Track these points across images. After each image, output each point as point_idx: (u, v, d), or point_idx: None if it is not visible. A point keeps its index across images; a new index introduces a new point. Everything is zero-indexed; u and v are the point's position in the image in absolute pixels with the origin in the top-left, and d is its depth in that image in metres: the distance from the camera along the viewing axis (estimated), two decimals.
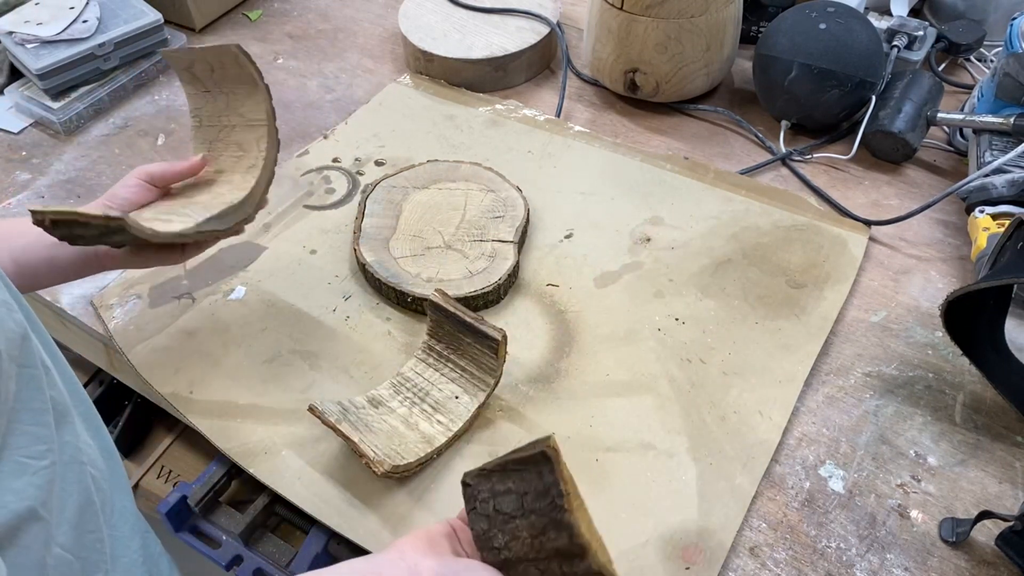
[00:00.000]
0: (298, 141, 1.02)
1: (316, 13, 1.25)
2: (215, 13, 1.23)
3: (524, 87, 1.10)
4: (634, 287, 0.82)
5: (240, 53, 0.70)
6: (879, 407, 0.72)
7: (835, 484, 0.67)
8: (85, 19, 1.07)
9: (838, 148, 0.98)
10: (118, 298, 0.83)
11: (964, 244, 0.86)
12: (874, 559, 0.63)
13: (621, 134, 1.02)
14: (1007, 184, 0.81)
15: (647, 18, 0.94)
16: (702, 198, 0.91)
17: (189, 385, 0.75)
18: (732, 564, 0.63)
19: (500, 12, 1.12)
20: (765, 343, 0.77)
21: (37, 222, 0.61)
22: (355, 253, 0.84)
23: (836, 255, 0.84)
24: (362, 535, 0.64)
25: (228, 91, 0.75)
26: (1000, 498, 0.66)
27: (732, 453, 0.69)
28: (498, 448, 0.69)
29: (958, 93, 1.04)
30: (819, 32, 0.92)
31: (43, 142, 1.04)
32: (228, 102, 0.75)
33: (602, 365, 0.76)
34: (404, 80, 1.10)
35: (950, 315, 0.69)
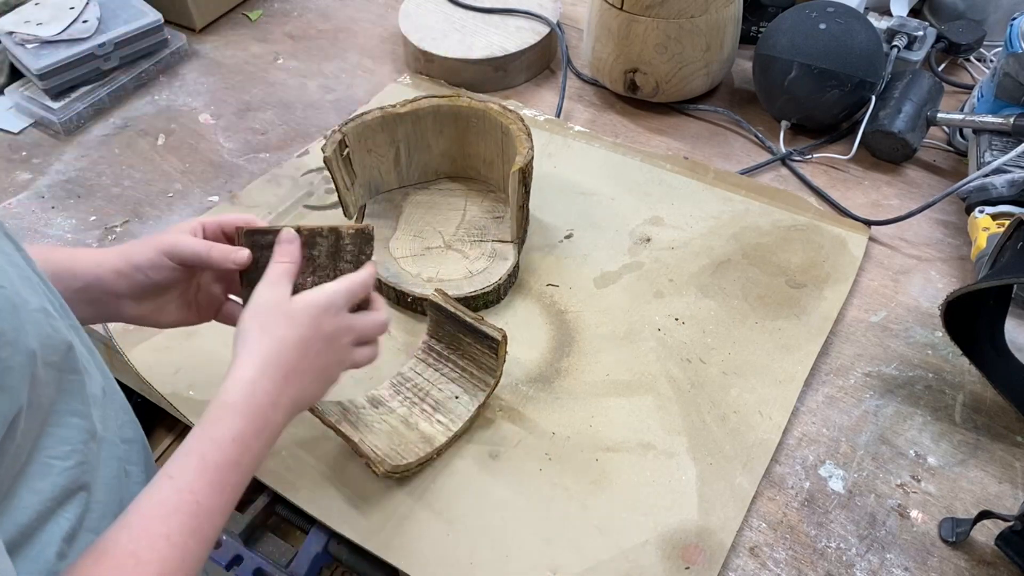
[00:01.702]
0: (298, 141, 1.02)
1: (316, 13, 1.25)
2: (215, 13, 1.23)
3: (524, 87, 1.10)
4: (634, 287, 0.82)
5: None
6: (879, 407, 0.72)
7: (835, 484, 0.67)
8: (85, 19, 1.07)
9: (838, 148, 0.98)
10: None
11: (964, 244, 0.86)
12: (874, 559, 0.63)
13: (621, 134, 1.02)
14: (1007, 184, 0.81)
15: (647, 18, 0.94)
16: (702, 198, 0.91)
17: (189, 385, 0.75)
18: (732, 564, 0.63)
19: (500, 12, 1.12)
20: (765, 343, 0.77)
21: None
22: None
23: (836, 255, 0.84)
24: (362, 535, 0.64)
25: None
26: (1000, 498, 0.66)
27: (732, 453, 0.69)
28: (498, 448, 0.69)
29: (958, 93, 1.04)
30: (819, 32, 0.92)
31: (43, 142, 1.04)
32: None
33: (602, 365, 0.76)
34: (404, 80, 1.10)
35: (950, 315, 0.69)
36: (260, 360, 0.53)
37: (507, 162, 0.84)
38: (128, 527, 0.44)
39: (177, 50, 1.14)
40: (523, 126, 0.80)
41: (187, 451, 0.48)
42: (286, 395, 0.53)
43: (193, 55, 1.17)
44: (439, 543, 0.64)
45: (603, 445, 0.70)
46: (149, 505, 0.46)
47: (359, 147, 0.84)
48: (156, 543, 0.44)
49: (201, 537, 0.46)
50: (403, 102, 0.85)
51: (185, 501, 0.46)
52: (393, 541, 0.64)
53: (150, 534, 0.44)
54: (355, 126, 0.82)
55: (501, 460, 0.69)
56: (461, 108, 0.84)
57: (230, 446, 0.49)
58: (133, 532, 0.44)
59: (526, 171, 0.78)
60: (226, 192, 0.95)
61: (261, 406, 0.51)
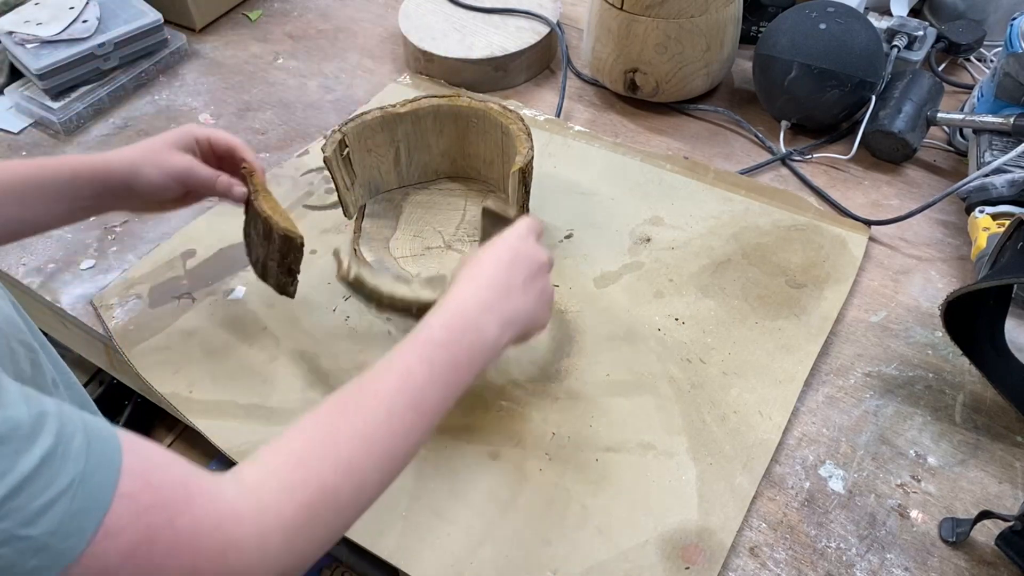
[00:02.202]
0: (298, 141, 1.02)
1: (316, 13, 1.25)
2: (215, 13, 1.23)
3: (524, 87, 1.10)
4: (634, 287, 0.82)
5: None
6: (879, 407, 0.72)
7: (835, 484, 0.67)
8: (85, 19, 1.07)
9: (838, 148, 0.98)
10: (118, 298, 0.83)
11: (964, 244, 0.86)
12: (874, 559, 0.63)
13: (621, 134, 1.02)
14: (1007, 184, 0.81)
15: (647, 18, 0.94)
16: (702, 198, 0.91)
17: (189, 385, 0.75)
18: (732, 564, 0.63)
19: (500, 12, 1.12)
20: (765, 343, 0.77)
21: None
22: (355, 253, 0.84)
23: (836, 255, 0.84)
24: (362, 535, 0.64)
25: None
26: (1000, 498, 0.66)
27: (732, 453, 0.69)
28: (498, 448, 0.70)
29: (958, 93, 1.04)
30: (819, 32, 0.92)
31: (43, 142, 1.04)
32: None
33: (602, 365, 0.76)
34: (404, 80, 1.10)
35: (950, 315, 0.69)
36: (466, 280, 0.57)
37: (507, 162, 0.84)
38: (346, 386, 0.49)
39: (177, 50, 1.14)
40: (523, 126, 0.80)
41: (403, 340, 0.53)
42: (495, 307, 0.56)
43: (193, 55, 1.17)
44: (439, 543, 0.64)
45: (603, 445, 0.70)
46: (367, 373, 0.50)
47: (359, 147, 0.84)
48: (365, 397, 0.48)
49: (410, 400, 0.49)
50: (403, 102, 0.85)
51: (396, 367, 0.50)
52: (393, 541, 0.64)
53: (361, 391, 0.48)
54: (355, 126, 0.82)
55: (501, 460, 0.69)
56: (461, 108, 0.84)
57: (439, 330, 0.53)
58: (349, 389, 0.48)
59: (526, 171, 0.78)
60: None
61: (468, 305, 0.55)
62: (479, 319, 0.55)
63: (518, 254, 0.60)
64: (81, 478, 0.34)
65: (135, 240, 0.90)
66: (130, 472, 0.36)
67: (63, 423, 0.35)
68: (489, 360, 0.55)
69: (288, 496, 0.42)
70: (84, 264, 0.88)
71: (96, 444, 0.36)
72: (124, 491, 0.36)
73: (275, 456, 0.44)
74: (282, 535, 0.41)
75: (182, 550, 0.37)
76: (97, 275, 0.87)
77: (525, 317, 0.59)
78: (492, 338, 0.55)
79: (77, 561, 0.34)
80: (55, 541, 0.33)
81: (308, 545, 0.43)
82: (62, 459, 0.34)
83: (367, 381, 0.49)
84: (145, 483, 0.37)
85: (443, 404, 0.51)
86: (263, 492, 0.42)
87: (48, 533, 0.33)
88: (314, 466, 0.44)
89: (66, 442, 0.35)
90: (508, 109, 0.83)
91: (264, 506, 0.41)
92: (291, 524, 0.42)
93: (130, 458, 0.37)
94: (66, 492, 0.34)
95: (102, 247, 0.90)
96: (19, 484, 0.32)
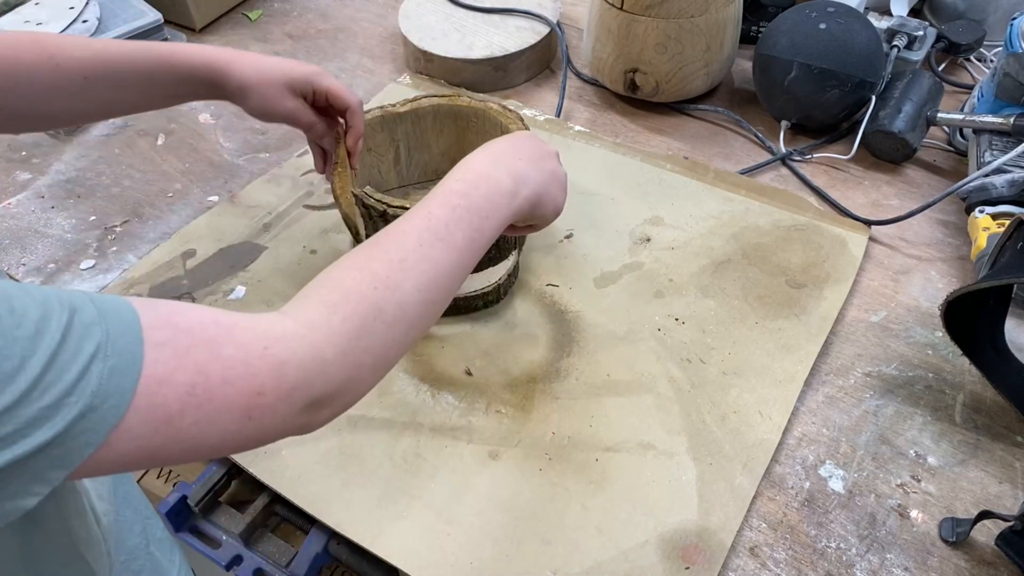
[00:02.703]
0: (298, 141, 1.02)
1: (316, 13, 1.25)
2: (215, 13, 1.23)
3: (524, 87, 1.10)
4: (634, 287, 0.82)
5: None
6: (879, 407, 0.72)
7: (835, 484, 0.67)
8: (85, 19, 1.07)
9: (838, 148, 0.98)
10: None
11: (964, 244, 0.86)
12: (874, 559, 0.63)
13: (621, 134, 1.02)
14: (1007, 184, 0.81)
15: (647, 18, 0.94)
16: (702, 198, 0.91)
17: None
18: (732, 564, 0.63)
19: (500, 12, 1.12)
20: (765, 343, 0.77)
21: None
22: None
23: (836, 255, 0.84)
24: (362, 535, 0.64)
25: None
26: (1000, 498, 0.66)
27: (732, 453, 0.69)
28: (498, 448, 0.69)
29: (958, 93, 1.04)
30: (819, 32, 0.92)
31: (43, 142, 1.04)
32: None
33: (602, 365, 0.76)
34: (404, 80, 1.10)
35: (950, 315, 0.69)
36: (471, 156, 0.59)
37: None
38: (375, 235, 0.50)
39: None
40: (523, 126, 0.80)
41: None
42: (504, 161, 0.58)
43: None
44: (439, 543, 0.64)
45: (603, 445, 0.70)
46: (391, 224, 0.51)
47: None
48: (393, 235, 0.49)
49: (437, 234, 0.50)
50: (403, 101, 0.85)
51: (418, 212, 0.51)
52: (393, 541, 0.64)
53: (388, 231, 0.50)
54: None
55: (501, 460, 0.69)
56: (461, 108, 0.84)
57: (455, 182, 0.55)
58: (376, 236, 0.50)
59: None
60: (226, 192, 0.95)
61: (483, 166, 0.57)
62: (492, 172, 0.57)
63: (524, 137, 0.63)
64: (106, 340, 0.34)
65: (135, 240, 0.90)
66: (154, 324, 0.36)
67: (70, 298, 0.35)
68: (507, 212, 0.56)
69: (331, 311, 0.43)
70: (84, 264, 0.88)
71: (109, 310, 0.36)
72: (158, 340, 0.36)
73: (310, 288, 0.45)
74: (334, 347, 0.42)
75: (238, 375, 0.38)
76: (97, 275, 0.87)
77: (536, 184, 0.59)
78: (508, 188, 0.56)
79: (128, 415, 0.34)
80: (98, 401, 0.33)
81: (365, 355, 0.44)
82: (82, 330, 0.34)
83: (392, 226, 0.51)
84: (176, 329, 0.37)
85: (471, 245, 0.52)
86: (305, 313, 0.42)
87: (91, 395, 0.33)
88: (351, 286, 0.45)
89: (80, 313, 0.34)
90: (508, 109, 0.82)
91: (310, 323, 0.42)
92: (341, 335, 0.42)
93: (147, 314, 0.37)
94: (96, 356, 0.33)
95: (102, 247, 0.90)
96: (48, 361, 0.32)
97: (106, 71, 0.64)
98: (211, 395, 0.36)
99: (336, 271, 0.47)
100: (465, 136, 0.87)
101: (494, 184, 0.56)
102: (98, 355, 0.34)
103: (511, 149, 0.60)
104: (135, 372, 0.35)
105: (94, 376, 0.33)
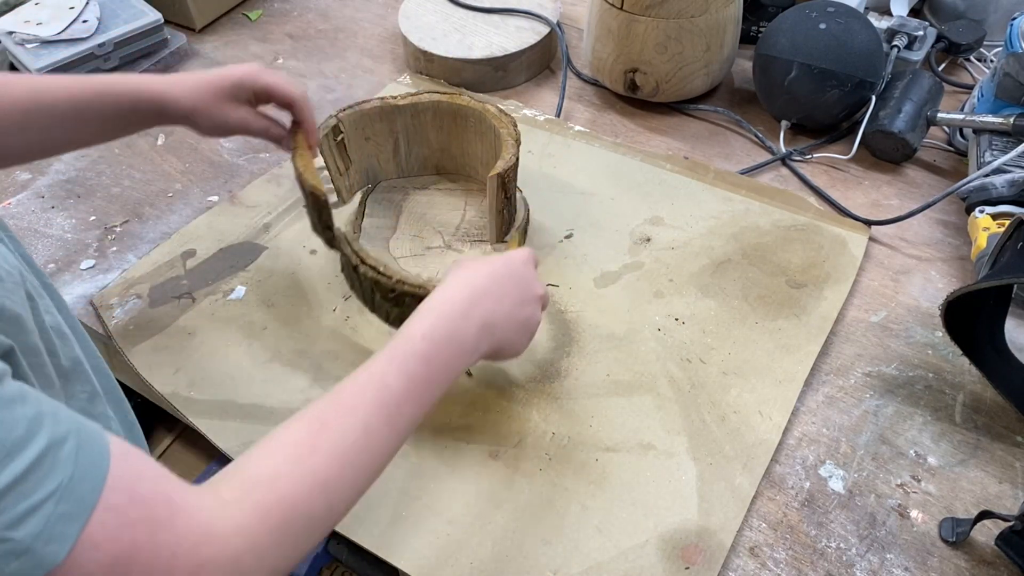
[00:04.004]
0: None
1: (316, 13, 1.25)
2: (215, 13, 1.23)
3: (524, 87, 1.10)
4: (634, 287, 0.82)
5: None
6: (879, 407, 0.72)
7: (835, 484, 0.67)
8: (85, 19, 1.07)
9: (838, 148, 0.98)
10: (118, 298, 0.83)
11: (964, 244, 0.86)
12: (874, 559, 0.63)
13: (621, 134, 1.02)
14: (1007, 184, 0.81)
15: (647, 18, 0.94)
16: (702, 198, 0.91)
17: (189, 385, 0.75)
18: (732, 564, 0.63)
19: (500, 12, 1.12)
20: (765, 343, 0.77)
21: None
22: None
23: (836, 255, 0.84)
24: (362, 535, 0.64)
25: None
26: (1000, 498, 0.66)
27: (732, 453, 0.69)
28: (498, 448, 0.69)
29: (958, 93, 1.04)
30: (819, 32, 0.92)
31: None
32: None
33: (602, 365, 0.76)
34: (404, 80, 1.10)
35: (950, 315, 0.69)
36: (456, 281, 0.59)
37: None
38: (325, 399, 0.49)
39: (177, 50, 1.14)
40: (513, 131, 0.80)
41: (385, 348, 0.53)
42: (478, 311, 0.57)
43: (193, 55, 1.17)
44: (439, 543, 0.64)
45: (603, 445, 0.70)
46: (345, 385, 0.50)
47: (356, 134, 0.84)
48: (343, 413, 0.48)
49: (387, 417, 0.49)
50: (403, 95, 0.85)
51: (375, 382, 0.50)
52: (393, 541, 0.64)
53: (340, 406, 0.48)
54: (352, 113, 0.83)
55: (501, 460, 0.69)
56: (460, 106, 0.84)
57: (419, 341, 0.53)
58: (327, 403, 0.49)
59: (505, 177, 0.77)
60: (226, 192, 0.95)
61: (453, 314, 0.56)
62: (460, 326, 0.56)
63: (515, 273, 0.61)
64: (68, 483, 0.35)
65: (135, 240, 0.90)
66: (116, 483, 0.37)
67: (57, 425, 0.36)
68: (460, 370, 0.56)
69: (263, 517, 0.42)
70: (84, 264, 0.88)
71: (85, 450, 0.36)
72: (110, 503, 0.36)
73: (254, 470, 0.44)
74: (254, 555, 0.42)
75: (160, 566, 0.38)
76: (97, 275, 0.87)
77: (503, 334, 0.59)
78: (470, 347, 0.56)
79: (60, 566, 0.34)
80: (38, 545, 0.33)
81: (279, 562, 0.43)
82: (52, 464, 0.34)
83: (346, 395, 0.49)
84: (131, 496, 0.37)
85: (416, 418, 0.52)
86: (239, 512, 0.42)
87: (32, 536, 0.33)
88: (289, 487, 0.44)
89: (57, 446, 0.35)
90: (504, 113, 0.82)
91: (239, 527, 0.42)
92: (263, 544, 0.42)
93: (118, 467, 0.37)
94: (52, 496, 0.34)
95: (102, 247, 0.90)
96: (8, 486, 0.33)
97: (44, 106, 0.64)
98: (128, 573, 0.37)
99: (283, 453, 0.45)
100: (464, 135, 0.87)
101: (457, 345, 0.55)
102: (54, 496, 0.34)
103: (494, 289, 0.59)
104: (79, 525, 0.35)
105: (42, 517, 0.34)
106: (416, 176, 0.92)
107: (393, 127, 0.86)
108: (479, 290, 0.58)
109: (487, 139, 0.85)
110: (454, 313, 0.56)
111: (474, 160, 0.89)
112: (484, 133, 0.85)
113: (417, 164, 0.91)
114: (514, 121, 0.81)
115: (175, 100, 0.69)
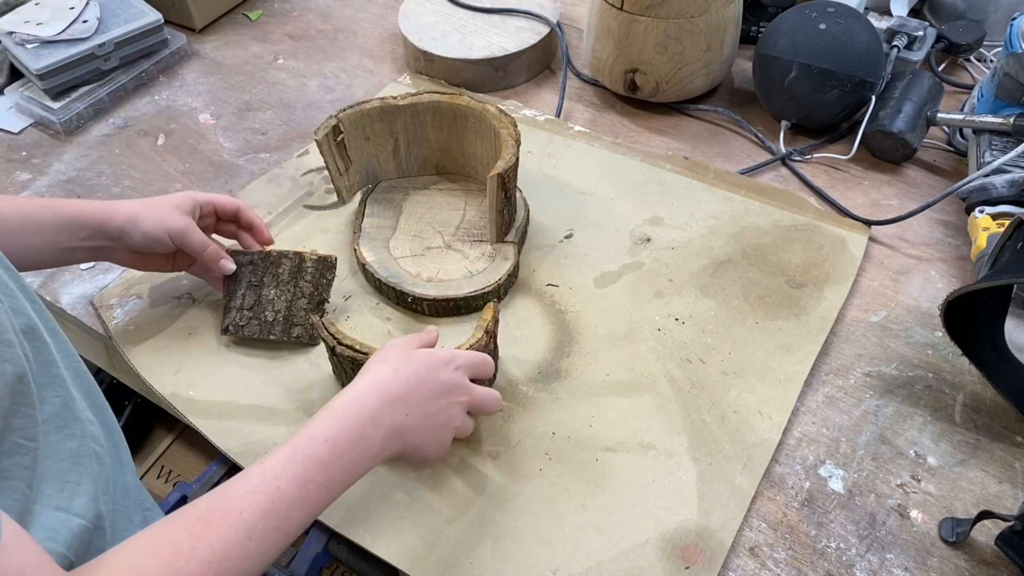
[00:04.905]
0: (298, 141, 1.02)
1: (316, 13, 1.25)
2: (215, 13, 1.23)
3: (524, 87, 1.10)
4: (634, 287, 0.82)
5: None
6: (879, 407, 0.72)
7: (835, 484, 0.67)
8: (85, 19, 1.07)
9: (838, 148, 0.98)
10: (118, 298, 0.83)
11: (964, 244, 0.86)
12: (874, 559, 0.63)
13: (621, 134, 1.02)
14: (1007, 184, 0.81)
15: (647, 18, 0.94)
16: (702, 198, 0.91)
17: (189, 385, 0.75)
18: (732, 564, 0.63)
19: (500, 12, 1.12)
20: (765, 343, 0.77)
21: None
22: (355, 253, 0.84)
23: (836, 255, 0.84)
24: (361, 535, 0.64)
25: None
26: (1000, 498, 0.66)
27: (732, 453, 0.69)
28: (498, 448, 0.69)
29: (958, 93, 1.04)
30: (819, 32, 0.92)
31: (43, 142, 1.04)
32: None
33: (602, 365, 0.76)
34: (404, 80, 1.10)
35: (950, 315, 0.69)
36: (370, 381, 0.57)
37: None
38: (212, 496, 0.47)
39: (177, 50, 1.14)
40: (513, 131, 0.80)
41: (285, 444, 0.52)
42: (388, 417, 0.56)
43: (193, 55, 1.17)
44: (439, 543, 0.64)
45: (603, 445, 0.70)
46: (236, 482, 0.48)
47: (356, 134, 0.85)
48: (229, 515, 0.46)
49: (274, 522, 0.48)
50: (404, 95, 0.85)
51: (268, 484, 0.48)
52: (393, 541, 0.64)
53: (226, 506, 0.47)
54: (352, 113, 0.83)
55: (501, 460, 0.69)
56: (460, 106, 0.84)
57: (321, 445, 0.52)
58: (213, 500, 0.47)
59: (505, 177, 0.77)
60: (226, 192, 0.95)
61: (360, 418, 0.54)
62: (367, 432, 0.54)
63: (436, 379, 0.59)
64: None
65: None
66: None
67: None
68: (362, 471, 0.55)
69: None
70: (84, 264, 0.88)
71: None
72: None
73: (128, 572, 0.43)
74: None
75: None
76: (97, 275, 0.87)
77: (414, 439, 0.58)
78: (376, 451, 0.55)
79: None
80: None
81: None
82: None
83: (234, 494, 0.48)
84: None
85: (306, 521, 0.51)
86: None
87: None
88: None
89: None
90: (505, 113, 0.82)
91: None
92: None
93: (5, 560, 0.36)
94: None
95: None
96: None
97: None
98: None
99: (162, 554, 0.44)
100: (464, 135, 0.87)
101: (362, 449, 0.54)
102: None
103: (410, 394, 0.57)
104: None
105: None
106: (416, 176, 0.92)
107: (393, 127, 0.86)
108: (393, 395, 0.57)
109: (487, 139, 0.85)
110: (362, 417, 0.54)
111: (474, 160, 0.90)
112: (484, 133, 0.85)
113: (417, 164, 0.91)
114: (514, 121, 0.81)
115: (126, 205, 0.70)
